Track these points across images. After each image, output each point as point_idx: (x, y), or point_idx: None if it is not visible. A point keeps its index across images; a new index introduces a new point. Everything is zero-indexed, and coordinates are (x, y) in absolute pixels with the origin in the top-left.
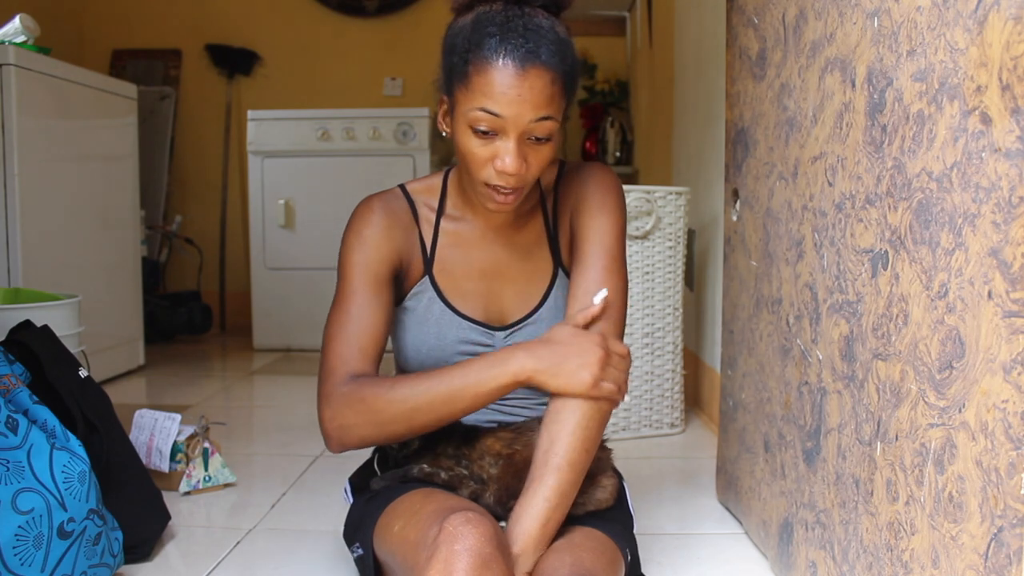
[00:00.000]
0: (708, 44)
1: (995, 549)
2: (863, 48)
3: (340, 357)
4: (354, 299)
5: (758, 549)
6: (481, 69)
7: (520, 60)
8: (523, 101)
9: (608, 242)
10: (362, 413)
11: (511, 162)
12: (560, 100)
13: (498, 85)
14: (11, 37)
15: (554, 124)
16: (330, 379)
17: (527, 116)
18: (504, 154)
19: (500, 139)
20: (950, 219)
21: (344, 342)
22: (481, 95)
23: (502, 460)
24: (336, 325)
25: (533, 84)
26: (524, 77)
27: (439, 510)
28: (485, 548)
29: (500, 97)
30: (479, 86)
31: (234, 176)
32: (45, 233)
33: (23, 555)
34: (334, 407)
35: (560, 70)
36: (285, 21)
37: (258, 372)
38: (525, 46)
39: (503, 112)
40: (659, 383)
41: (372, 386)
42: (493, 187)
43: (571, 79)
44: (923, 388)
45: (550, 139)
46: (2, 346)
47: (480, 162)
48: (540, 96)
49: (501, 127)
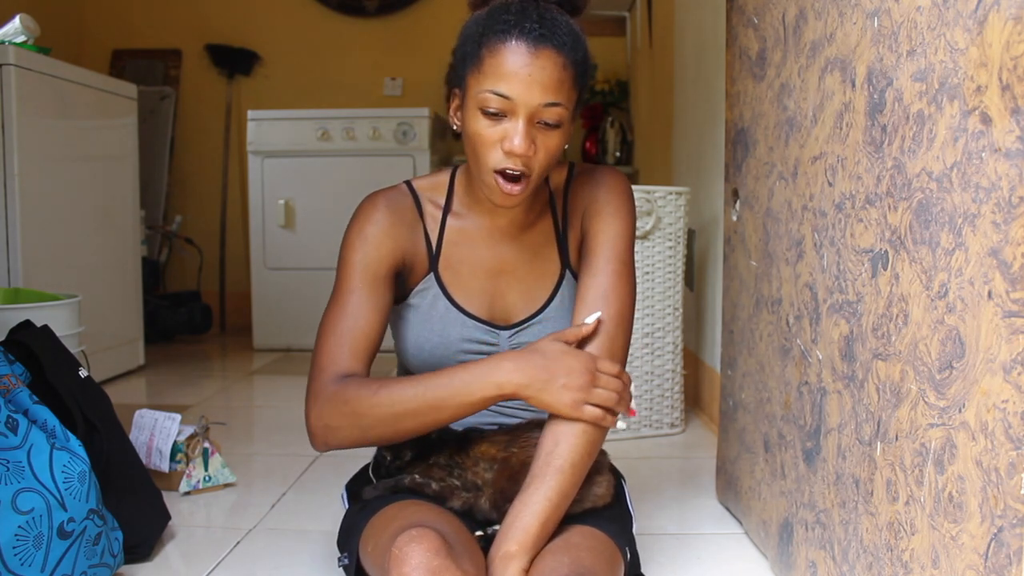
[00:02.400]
0: (708, 44)
1: (995, 549)
2: (863, 48)
3: (330, 355)
4: (351, 297)
5: (758, 549)
6: (494, 50)
7: (533, 41)
8: (533, 82)
9: (619, 247)
10: (346, 415)
11: (520, 142)
12: (570, 89)
13: (509, 64)
14: (11, 37)
15: (564, 112)
16: (319, 377)
17: (537, 98)
18: (513, 135)
19: (509, 120)
20: (950, 219)
21: (336, 340)
22: (492, 76)
23: (497, 464)
24: (330, 322)
25: (544, 65)
26: (535, 57)
27: (399, 528)
28: (432, 561)
29: (511, 77)
30: (490, 68)
31: (234, 176)
32: (45, 233)
33: (23, 555)
34: (320, 406)
35: (572, 58)
36: (285, 21)
37: (258, 372)
38: (539, 30)
39: (513, 92)
40: (659, 383)
41: (358, 388)
42: (500, 172)
43: (582, 71)
44: (923, 388)
45: (559, 127)
46: (2, 346)
47: (488, 144)
48: (551, 79)
49: (511, 108)
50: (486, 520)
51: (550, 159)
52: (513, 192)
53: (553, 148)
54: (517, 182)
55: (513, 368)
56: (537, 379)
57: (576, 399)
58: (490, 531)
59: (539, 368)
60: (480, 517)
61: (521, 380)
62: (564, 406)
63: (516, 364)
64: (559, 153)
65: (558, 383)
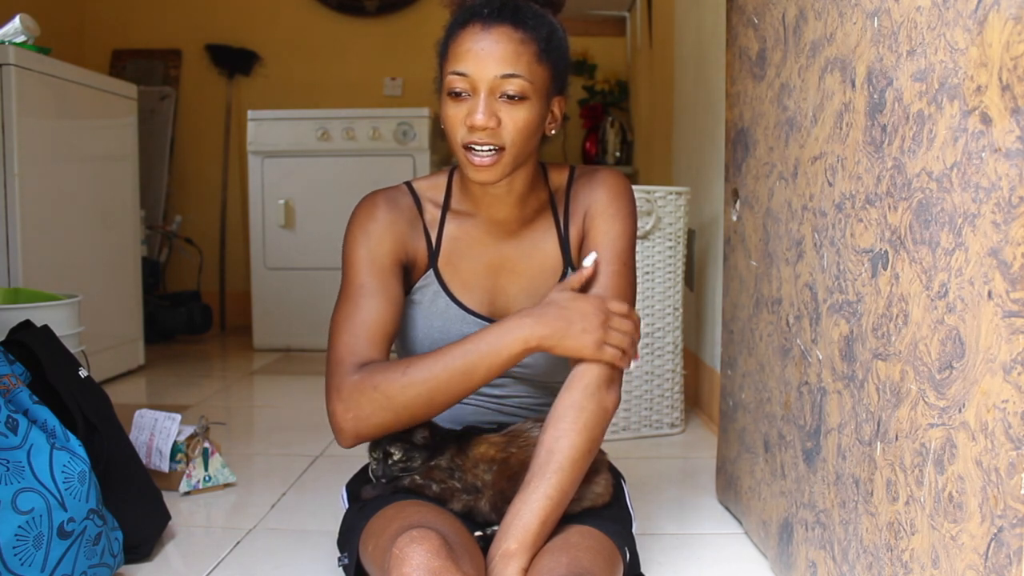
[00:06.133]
0: (708, 44)
1: (995, 549)
2: (863, 48)
3: (348, 347)
4: (361, 290)
5: (758, 549)
6: (454, 38)
7: (487, 20)
8: (486, 55)
9: (619, 247)
10: (377, 400)
11: (479, 116)
12: (534, 64)
13: (465, 44)
14: (11, 37)
15: (526, 84)
16: (339, 370)
17: (492, 70)
18: (474, 110)
19: (472, 99)
20: (950, 219)
21: (352, 332)
22: (453, 59)
23: (496, 465)
24: (343, 316)
25: (498, 39)
26: (489, 33)
27: (399, 529)
28: (433, 562)
29: (466, 55)
30: (451, 53)
31: (234, 176)
32: (45, 233)
33: (23, 555)
34: (346, 399)
35: (532, 33)
36: (285, 21)
37: (258, 372)
38: (497, 12)
39: (469, 70)
40: (659, 383)
41: (385, 372)
42: (469, 149)
43: (547, 48)
44: (923, 388)
45: (525, 99)
46: (2, 346)
47: (455, 124)
48: (506, 51)
49: (472, 86)
50: (486, 522)
51: (521, 133)
52: (483, 164)
53: (521, 121)
54: (485, 156)
55: (534, 322)
56: (558, 328)
57: (597, 339)
58: (489, 531)
59: (557, 318)
60: (480, 519)
61: (544, 332)
62: (586, 349)
63: (535, 318)
64: (532, 129)
65: (577, 328)
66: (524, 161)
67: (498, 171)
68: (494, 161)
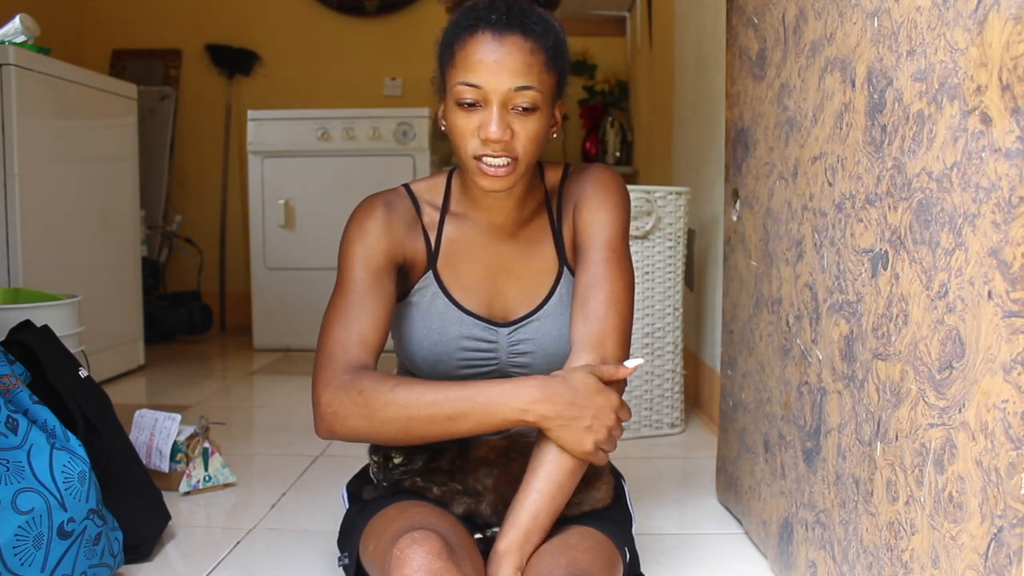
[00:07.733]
0: (708, 44)
1: (995, 549)
2: (863, 48)
3: (340, 343)
4: (355, 288)
5: (758, 549)
6: (463, 44)
7: (498, 29)
8: (501, 68)
9: (607, 235)
10: (358, 406)
11: (494, 129)
12: (544, 73)
13: (478, 54)
14: (11, 37)
15: (537, 95)
16: (329, 365)
17: (506, 83)
18: (488, 122)
19: (484, 109)
20: (950, 219)
21: (344, 329)
22: (463, 68)
23: (497, 469)
24: (336, 312)
25: (510, 51)
26: (501, 44)
27: (401, 530)
28: (434, 563)
29: (479, 66)
30: (461, 61)
31: (234, 176)
32: (45, 233)
33: (23, 555)
34: (331, 393)
35: (541, 42)
36: (285, 21)
37: (258, 372)
38: (505, 19)
39: (482, 81)
40: (659, 383)
41: (374, 381)
42: (480, 159)
43: (555, 55)
44: (923, 388)
45: (535, 110)
46: (2, 346)
47: (466, 134)
48: (518, 63)
49: (483, 97)
50: (487, 524)
51: (532, 143)
52: (497, 175)
53: (533, 132)
54: (499, 168)
55: (541, 398)
56: (563, 415)
57: (596, 441)
58: (489, 533)
59: (567, 404)
60: (481, 522)
61: (546, 412)
62: (581, 447)
63: (544, 395)
64: (542, 137)
65: (582, 424)
66: (532, 167)
67: (511, 180)
68: (508, 171)
